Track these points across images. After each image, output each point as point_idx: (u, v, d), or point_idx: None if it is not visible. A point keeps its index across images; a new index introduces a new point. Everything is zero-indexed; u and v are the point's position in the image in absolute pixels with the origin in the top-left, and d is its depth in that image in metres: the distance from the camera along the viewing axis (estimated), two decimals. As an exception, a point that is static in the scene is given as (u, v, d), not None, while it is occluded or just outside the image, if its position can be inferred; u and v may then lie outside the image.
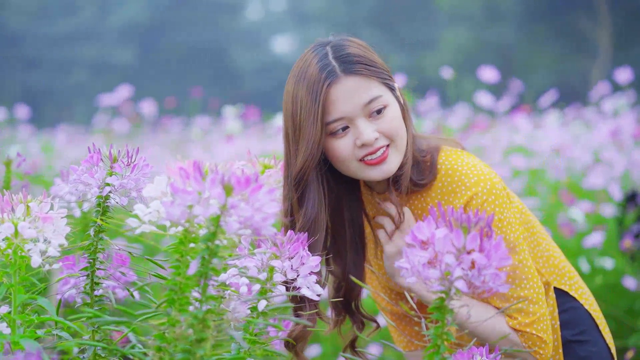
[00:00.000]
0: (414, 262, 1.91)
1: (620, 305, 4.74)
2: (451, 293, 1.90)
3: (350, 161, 2.54)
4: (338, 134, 2.52)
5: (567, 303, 2.75)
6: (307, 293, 2.15)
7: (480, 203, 2.52)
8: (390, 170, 2.55)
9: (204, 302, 1.87)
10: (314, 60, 2.54)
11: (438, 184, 2.60)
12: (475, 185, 2.54)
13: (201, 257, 1.86)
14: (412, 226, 2.52)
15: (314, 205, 2.56)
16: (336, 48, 2.55)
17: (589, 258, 4.90)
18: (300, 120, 2.52)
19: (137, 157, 2.22)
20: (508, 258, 1.91)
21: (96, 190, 2.16)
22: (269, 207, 1.84)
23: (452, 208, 1.93)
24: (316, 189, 2.56)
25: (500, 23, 29.19)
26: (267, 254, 2.16)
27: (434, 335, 1.95)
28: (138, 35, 32.08)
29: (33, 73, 30.37)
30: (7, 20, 30.84)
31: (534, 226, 2.76)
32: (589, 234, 4.99)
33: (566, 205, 5.30)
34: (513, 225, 2.56)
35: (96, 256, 2.19)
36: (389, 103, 2.54)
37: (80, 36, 31.19)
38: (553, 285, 2.74)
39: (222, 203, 1.82)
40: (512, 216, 2.56)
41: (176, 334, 1.85)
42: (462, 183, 2.55)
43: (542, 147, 6.11)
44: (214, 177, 1.83)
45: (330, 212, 2.70)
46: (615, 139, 6.02)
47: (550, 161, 6.04)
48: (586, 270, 4.77)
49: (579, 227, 5.14)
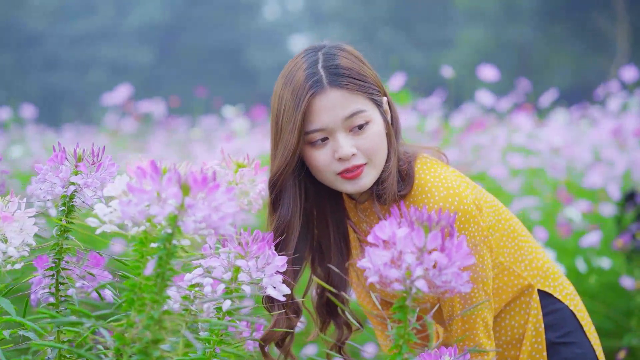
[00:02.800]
0: (375, 261, 1.90)
1: (618, 306, 4.71)
2: (412, 292, 1.88)
3: (327, 172, 2.53)
4: (317, 144, 2.51)
5: (551, 305, 2.72)
6: (273, 293, 2.14)
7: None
8: (365, 185, 2.53)
9: (161, 302, 1.85)
10: (304, 65, 2.53)
11: (411, 193, 2.57)
12: (443, 200, 2.50)
13: (158, 258, 1.85)
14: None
15: (287, 210, 2.55)
16: (327, 57, 2.53)
17: (586, 258, 4.87)
18: (282, 124, 2.51)
19: (103, 157, 2.20)
20: (470, 257, 1.89)
21: (60, 190, 2.14)
22: (227, 207, 1.83)
23: (416, 208, 1.92)
24: (292, 194, 2.56)
25: (518, 22, 29.06)
26: (232, 253, 2.14)
27: (396, 336, 1.93)
28: (156, 36, 32.14)
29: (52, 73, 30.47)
30: (26, 20, 30.96)
31: (515, 230, 2.73)
32: (587, 234, 4.95)
33: (564, 205, 5.27)
34: (477, 245, 2.54)
35: (61, 256, 2.18)
36: (372, 119, 2.51)
37: (99, 36, 31.28)
38: (537, 287, 2.71)
39: (179, 202, 1.80)
40: (479, 235, 2.53)
41: (132, 334, 1.83)
42: (431, 195, 2.52)
43: (542, 146, 6.07)
44: (171, 176, 1.82)
45: (316, 217, 2.71)
46: (616, 138, 5.98)
47: (549, 160, 6.01)
48: (583, 270, 4.73)
49: (576, 226, 5.10)
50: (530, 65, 27.43)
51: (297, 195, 2.57)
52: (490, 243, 2.60)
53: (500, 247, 2.66)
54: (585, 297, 4.68)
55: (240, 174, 2.55)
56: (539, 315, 2.69)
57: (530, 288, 2.70)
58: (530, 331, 2.68)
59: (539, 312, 2.70)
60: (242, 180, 2.56)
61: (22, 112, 9.44)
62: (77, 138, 9.98)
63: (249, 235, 2.17)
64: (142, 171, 1.85)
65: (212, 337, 2.14)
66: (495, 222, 2.65)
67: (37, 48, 30.65)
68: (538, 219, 5.35)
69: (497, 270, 2.65)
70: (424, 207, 2.49)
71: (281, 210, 2.55)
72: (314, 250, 2.74)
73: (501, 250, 2.66)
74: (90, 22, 31.58)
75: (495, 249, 2.63)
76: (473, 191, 2.58)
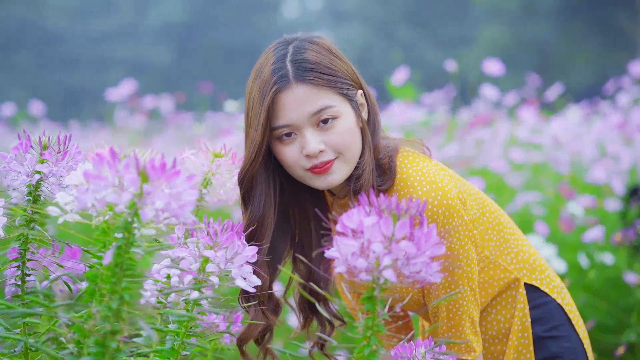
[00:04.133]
0: (343, 251, 1.84)
1: (621, 301, 4.63)
2: (380, 282, 1.82)
3: (296, 168, 2.46)
4: (284, 139, 2.44)
5: (538, 298, 2.66)
6: (242, 284, 2.08)
7: (430, 215, 2.43)
8: (335, 181, 2.46)
9: (120, 293, 1.80)
10: (272, 59, 2.46)
11: (393, 187, 2.50)
12: (425, 195, 2.43)
13: (116, 247, 1.80)
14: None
15: (259, 205, 2.49)
16: (296, 50, 2.46)
17: (588, 253, 4.80)
18: (250, 119, 2.46)
19: (70, 145, 2.15)
20: (440, 246, 1.83)
21: (25, 179, 2.09)
22: (188, 195, 1.78)
23: (385, 195, 1.86)
24: (264, 189, 2.50)
25: (538, 19, 28.92)
26: (200, 243, 2.08)
27: (364, 327, 1.88)
28: (175, 35, 32.17)
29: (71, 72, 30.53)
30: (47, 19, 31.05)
31: (500, 222, 2.66)
32: (589, 229, 4.87)
33: (566, 200, 5.19)
34: (462, 240, 2.47)
35: (27, 247, 2.13)
36: (340, 114, 2.43)
37: (118, 35, 31.32)
38: (523, 281, 2.65)
39: (137, 190, 1.75)
40: (462, 229, 2.47)
41: (89, 326, 1.78)
42: (413, 190, 2.45)
43: (546, 140, 5.98)
44: (128, 162, 1.77)
45: (297, 212, 2.66)
46: (622, 132, 5.90)
47: (553, 155, 5.93)
48: (586, 265, 4.66)
49: (579, 221, 5.02)
50: (550, 62, 27.29)
51: (269, 191, 2.51)
52: (475, 237, 2.54)
53: (485, 241, 2.60)
54: (586, 293, 4.61)
55: (217, 164, 2.50)
56: (526, 310, 2.63)
57: (516, 282, 2.64)
58: (516, 325, 2.62)
59: (525, 306, 2.63)
60: (219, 170, 2.51)
61: (32, 109, 9.45)
62: (81, 134, 9.97)
63: (218, 225, 2.11)
64: (101, 158, 1.79)
65: (179, 329, 2.08)
66: (480, 215, 2.59)
67: (57, 47, 30.72)
68: (541, 214, 5.28)
69: (482, 264, 2.59)
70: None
71: (252, 206, 2.49)
72: (295, 246, 2.69)
73: (486, 244, 2.60)
74: (109, 21, 31.64)
75: (480, 243, 2.57)
76: (457, 184, 2.51)
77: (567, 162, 5.71)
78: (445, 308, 2.49)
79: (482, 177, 5.58)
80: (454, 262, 2.45)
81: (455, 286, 2.47)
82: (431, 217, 2.41)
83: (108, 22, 31.65)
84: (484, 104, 7.24)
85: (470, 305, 2.51)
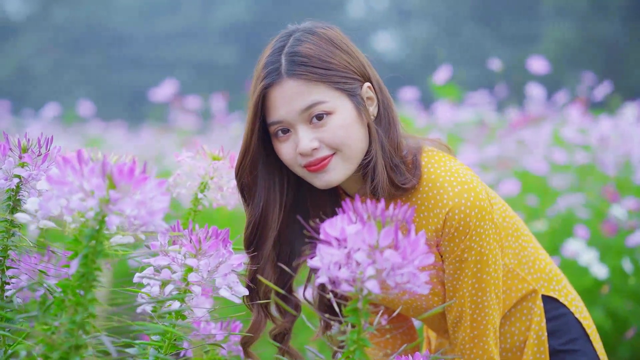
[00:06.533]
0: (325, 260, 1.73)
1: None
2: (363, 294, 1.71)
3: (294, 166, 2.34)
4: (280, 136, 2.32)
5: (555, 310, 2.52)
6: (226, 295, 1.98)
7: (463, 217, 2.29)
8: (333, 180, 2.32)
9: (85, 305, 1.71)
10: (269, 51, 2.35)
11: (419, 188, 2.36)
12: (458, 196, 2.30)
13: (82, 256, 1.71)
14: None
15: (259, 204, 2.38)
16: (294, 42, 2.32)
17: (632, 258, 4.61)
18: (248, 112, 2.35)
19: (51, 147, 2.07)
20: (429, 256, 1.71)
21: (3, 182, 2.01)
22: (157, 201, 1.68)
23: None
24: (265, 187, 2.39)
25: (606, 17, 28.50)
26: (182, 251, 1.98)
27: (349, 341, 1.76)
28: (241, 35, 32.26)
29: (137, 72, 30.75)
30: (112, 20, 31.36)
31: (518, 229, 2.52)
32: (633, 233, 4.68)
33: (610, 203, 5.00)
34: (491, 244, 2.33)
35: (6, 254, 2.05)
36: (334, 110, 2.29)
37: (184, 35, 31.50)
38: (540, 293, 2.51)
39: (103, 196, 1.66)
40: (492, 232, 2.33)
41: (52, 339, 1.69)
42: (444, 191, 2.31)
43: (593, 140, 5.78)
44: (94, 166, 1.67)
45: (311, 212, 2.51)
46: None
47: (599, 155, 5.73)
48: (630, 270, 4.48)
49: (622, 224, 4.82)
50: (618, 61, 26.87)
51: (273, 189, 2.40)
52: (502, 242, 2.41)
53: (505, 248, 2.46)
54: (628, 299, 4.44)
55: (214, 167, 2.40)
56: (542, 322, 2.49)
57: (534, 293, 2.50)
58: (532, 339, 2.48)
59: (542, 319, 2.50)
60: (216, 174, 2.41)
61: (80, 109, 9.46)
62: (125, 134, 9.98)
63: (204, 231, 2.01)
64: (65, 161, 1.70)
65: (162, 342, 1.99)
66: (501, 220, 2.46)
67: (123, 48, 30.98)
68: (585, 217, 5.10)
69: (501, 272, 2.45)
70: (437, 204, 2.32)
71: (252, 205, 2.38)
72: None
73: (505, 251, 2.46)
74: (175, 22, 31.85)
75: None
76: (484, 185, 2.39)
77: (614, 164, 5.51)
78: (469, 317, 2.35)
79: (521, 179, 5.43)
80: (483, 267, 2.32)
81: (482, 293, 2.34)
82: (463, 220, 2.29)
83: (174, 22, 31.86)
84: (533, 103, 7.05)
85: (495, 315, 2.38)
